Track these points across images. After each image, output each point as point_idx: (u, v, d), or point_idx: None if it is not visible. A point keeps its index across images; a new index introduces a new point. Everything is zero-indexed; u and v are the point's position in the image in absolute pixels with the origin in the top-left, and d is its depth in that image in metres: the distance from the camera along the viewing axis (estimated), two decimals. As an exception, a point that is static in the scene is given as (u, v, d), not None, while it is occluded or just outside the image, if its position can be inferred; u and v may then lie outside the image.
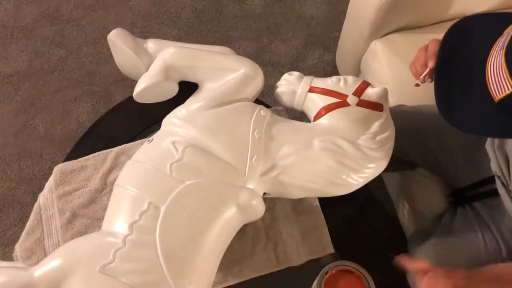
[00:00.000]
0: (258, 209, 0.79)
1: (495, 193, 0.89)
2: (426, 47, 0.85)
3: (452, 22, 0.72)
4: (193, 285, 0.73)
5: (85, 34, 1.84)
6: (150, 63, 0.95)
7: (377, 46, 1.27)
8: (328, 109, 0.84)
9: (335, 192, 0.83)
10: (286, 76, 0.90)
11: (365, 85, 0.85)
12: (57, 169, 0.96)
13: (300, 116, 1.22)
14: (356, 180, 0.81)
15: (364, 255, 0.89)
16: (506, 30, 0.61)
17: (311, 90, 0.87)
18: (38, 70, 1.77)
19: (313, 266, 0.87)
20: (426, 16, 1.28)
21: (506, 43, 0.57)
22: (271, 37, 1.83)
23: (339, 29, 1.53)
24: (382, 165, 0.82)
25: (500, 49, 0.59)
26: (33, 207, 0.94)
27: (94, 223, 0.91)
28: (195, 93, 0.92)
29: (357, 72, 1.46)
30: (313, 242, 0.90)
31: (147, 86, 0.91)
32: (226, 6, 1.90)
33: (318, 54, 1.79)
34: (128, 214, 0.75)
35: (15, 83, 1.74)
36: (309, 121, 0.88)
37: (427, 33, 1.26)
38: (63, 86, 1.74)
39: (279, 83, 0.91)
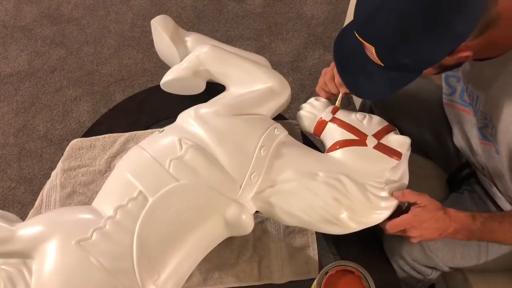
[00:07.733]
0: (246, 225, 0.78)
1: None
2: (326, 76, 0.89)
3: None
4: (159, 283, 0.73)
5: (85, 33, 1.84)
6: (186, 55, 0.97)
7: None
8: (343, 144, 0.81)
9: (329, 230, 0.80)
10: (312, 100, 0.89)
11: (389, 129, 0.83)
12: (70, 143, 0.98)
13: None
14: (351, 224, 0.77)
15: (363, 255, 0.88)
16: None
17: (333, 120, 0.85)
18: (38, 70, 1.77)
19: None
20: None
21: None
22: (271, 37, 1.83)
23: (339, 29, 1.53)
24: (382, 216, 0.78)
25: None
26: (33, 207, 0.94)
27: (91, 202, 0.91)
28: (220, 95, 0.92)
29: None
30: (299, 264, 0.87)
31: (174, 79, 0.94)
32: (227, 6, 1.90)
33: (319, 54, 1.79)
34: (118, 197, 0.76)
35: (15, 83, 1.74)
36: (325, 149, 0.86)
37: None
38: (63, 86, 1.74)
39: (303, 105, 0.89)
